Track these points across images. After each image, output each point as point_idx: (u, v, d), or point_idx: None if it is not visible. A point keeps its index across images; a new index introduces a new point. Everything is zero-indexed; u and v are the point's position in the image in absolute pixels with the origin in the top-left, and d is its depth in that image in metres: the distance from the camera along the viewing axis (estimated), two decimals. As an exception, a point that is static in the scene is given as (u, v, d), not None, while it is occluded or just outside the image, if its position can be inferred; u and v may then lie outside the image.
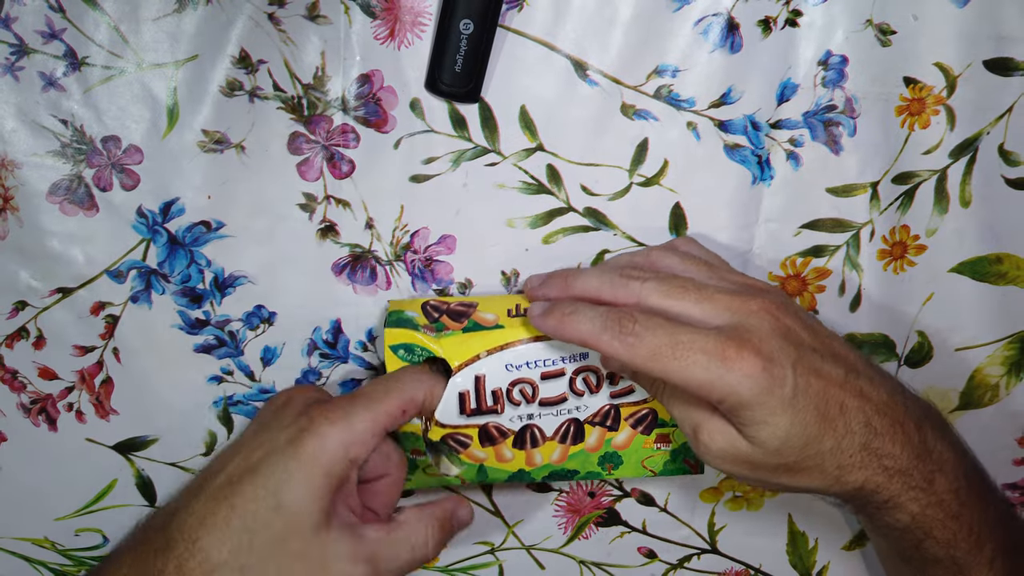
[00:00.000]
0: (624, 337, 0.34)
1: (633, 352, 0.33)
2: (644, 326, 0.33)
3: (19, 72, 0.37)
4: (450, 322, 0.39)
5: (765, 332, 0.33)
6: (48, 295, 0.41)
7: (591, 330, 0.34)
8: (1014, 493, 0.49)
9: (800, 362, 0.33)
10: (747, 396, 0.33)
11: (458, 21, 0.37)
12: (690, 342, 0.33)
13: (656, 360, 0.33)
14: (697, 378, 0.33)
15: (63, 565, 0.46)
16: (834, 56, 0.40)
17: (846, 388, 0.34)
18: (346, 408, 0.35)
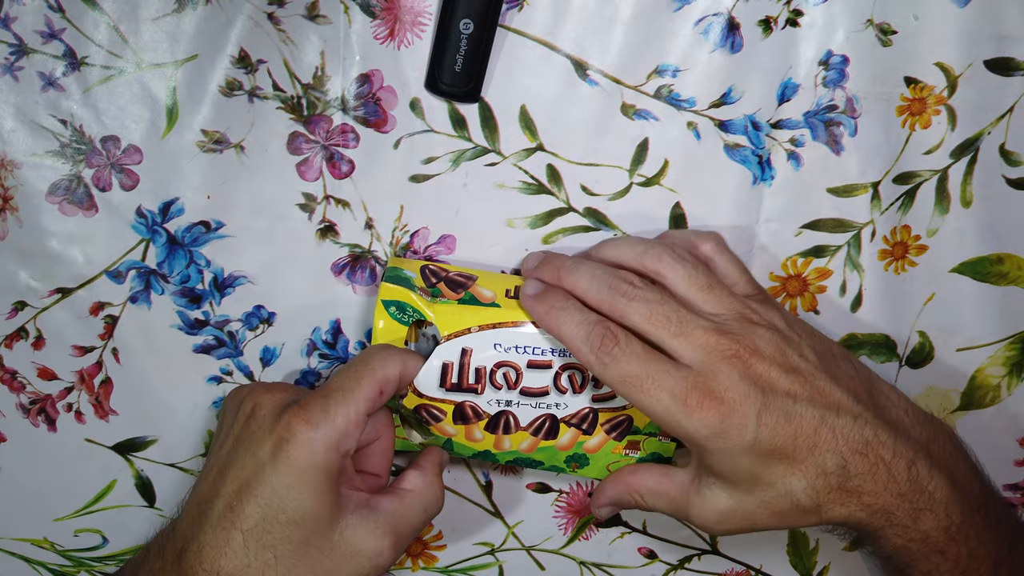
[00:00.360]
0: (601, 355, 0.35)
1: (605, 371, 0.35)
2: (622, 350, 0.35)
3: (18, 72, 0.37)
4: (447, 290, 0.39)
5: (734, 380, 0.34)
6: (47, 295, 0.41)
7: (573, 335, 0.36)
8: (1015, 494, 0.49)
9: (766, 409, 0.34)
10: (703, 443, 0.34)
11: (458, 21, 0.37)
12: (658, 380, 0.34)
13: (624, 386, 0.35)
14: (658, 415, 0.35)
15: (62, 566, 0.46)
16: (835, 56, 0.40)
17: (820, 431, 0.34)
18: (323, 406, 0.35)
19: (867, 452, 0.35)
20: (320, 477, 0.34)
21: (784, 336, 0.36)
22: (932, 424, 0.38)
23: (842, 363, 0.37)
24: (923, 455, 0.36)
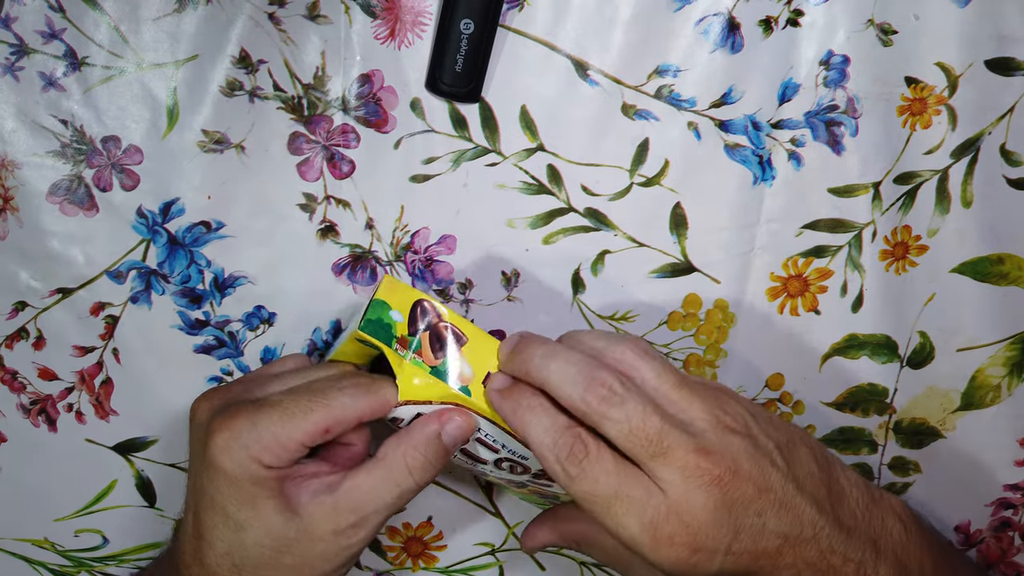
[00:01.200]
0: (568, 466, 0.32)
1: (571, 484, 0.32)
2: (591, 463, 0.32)
3: (19, 72, 0.37)
4: (427, 345, 0.35)
5: (709, 510, 0.32)
6: (48, 295, 0.41)
7: (541, 440, 0.33)
8: (1015, 494, 0.49)
9: (737, 539, 0.33)
10: (663, 571, 0.33)
11: (459, 21, 0.37)
12: (628, 505, 0.32)
13: (590, 504, 0.32)
14: (622, 540, 0.32)
15: (63, 566, 0.46)
16: (835, 56, 0.40)
17: (783, 552, 0.33)
18: (252, 419, 0.33)
19: (820, 564, 0.34)
20: (250, 484, 0.33)
21: (757, 443, 0.34)
22: (880, 506, 0.37)
23: (804, 456, 0.35)
24: (871, 551, 0.35)
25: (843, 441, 0.48)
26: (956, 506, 0.50)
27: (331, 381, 0.35)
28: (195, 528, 0.35)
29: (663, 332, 0.44)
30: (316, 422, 0.33)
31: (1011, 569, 0.51)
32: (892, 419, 0.47)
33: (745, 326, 0.44)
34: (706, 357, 0.45)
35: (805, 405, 0.47)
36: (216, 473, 0.33)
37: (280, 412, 0.33)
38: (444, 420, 0.35)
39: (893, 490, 0.49)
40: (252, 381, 0.38)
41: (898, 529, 0.37)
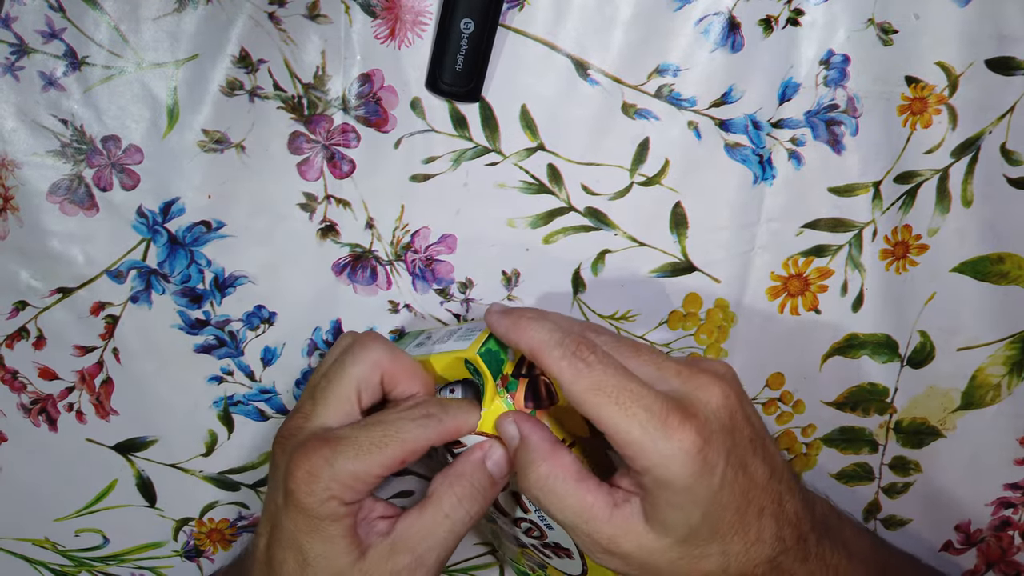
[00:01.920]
0: (575, 360, 0.31)
1: (577, 377, 0.31)
2: (599, 359, 0.32)
3: (19, 72, 0.37)
4: (521, 391, 0.35)
5: (712, 410, 0.32)
6: (48, 295, 0.41)
7: (544, 340, 0.32)
8: (1015, 493, 0.49)
9: (733, 452, 0.32)
10: (676, 474, 0.30)
11: (459, 20, 0.37)
12: (637, 394, 0.31)
13: (597, 395, 0.31)
14: (631, 434, 0.30)
15: (63, 566, 0.46)
16: (836, 55, 0.40)
17: (768, 492, 0.33)
18: (330, 458, 0.33)
19: (796, 524, 0.33)
20: (328, 522, 0.33)
21: (740, 384, 0.34)
22: (819, 498, 0.38)
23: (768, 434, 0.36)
24: (824, 530, 0.35)
25: (844, 441, 0.48)
26: (956, 505, 0.50)
27: (402, 412, 0.35)
28: (267, 557, 0.35)
29: (663, 331, 0.44)
30: (392, 455, 0.33)
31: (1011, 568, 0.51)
32: (893, 419, 0.47)
33: (745, 325, 0.44)
34: (706, 357, 0.45)
35: (805, 404, 0.47)
36: (295, 509, 0.33)
37: (356, 448, 0.33)
38: (486, 448, 0.35)
39: (894, 490, 0.49)
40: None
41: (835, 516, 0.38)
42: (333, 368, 0.36)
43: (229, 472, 0.45)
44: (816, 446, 0.48)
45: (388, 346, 0.36)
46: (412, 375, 0.36)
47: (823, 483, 0.49)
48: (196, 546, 0.47)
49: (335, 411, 0.35)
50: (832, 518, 0.38)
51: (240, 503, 0.46)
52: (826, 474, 0.49)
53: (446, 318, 0.43)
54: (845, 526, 0.38)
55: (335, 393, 0.35)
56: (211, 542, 0.47)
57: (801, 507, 0.34)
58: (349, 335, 0.38)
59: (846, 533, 0.37)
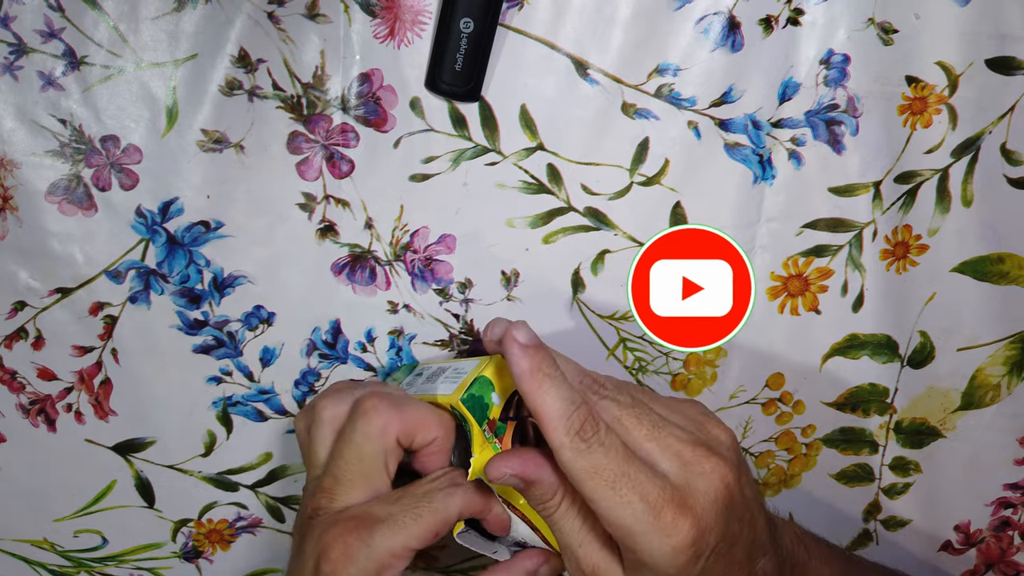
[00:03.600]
0: (577, 440, 0.31)
1: (576, 458, 0.31)
2: (600, 440, 0.31)
3: (18, 71, 0.37)
4: (508, 435, 0.35)
5: (709, 501, 0.32)
6: (47, 295, 0.41)
7: (554, 408, 0.31)
8: (1015, 493, 0.49)
9: (724, 538, 0.32)
10: (660, 564, 0.31)
11: (458, 20, 0.37)
12: (635, 481, 0.31)
13: (594, 479, 0.31)
14: (624, 522, 0.31)
15: (62, 566, 0.46)
16: (836, 55, 0.40)
17: (745, 563, 0.33)
18: (366, 539, 0.32)
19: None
20: None
21: (741, 455, 0.35)
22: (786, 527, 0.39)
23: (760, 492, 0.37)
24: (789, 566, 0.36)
25: (844, 441, 0.48)
26: (956, 506, 0.50)
27: (432, 483, 0.35)
28: None
29: (663, 332, 0.44)
30: (427, 528, 0.33)
31: (1011, 568, 0.51)
32: (893, 419, 0.47)
33: (745, 325, 0.44)
34: (706, 356, 0.45)
35: (805, 405, 0.47)
36: None
37: (391, 525, 0.33)
38: (537, 561, 0.36)
39: (894, 491, 0.49)
40: None
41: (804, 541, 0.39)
42: (347, 448, 0.35)
43: (228, 473, 0.45)
44: (816, 446, 0.48)
45: (391, 404, 0.35)
46: (425, 423, 0.35)
47: (823, 483, 0.49)
48: (195, 547, 0.47)
49: (362, 490, 0.34)
50: (800, 552, 0.38)
51: (239, 504, 0.46)
52: (826, 474, 0.49)
53: (445, 318, 0.43)
54: (812, 558, 0.39)
55: (360, 472, 0.34)
56: (210, 543, 0.47)
57: (772, 563, 0.34)
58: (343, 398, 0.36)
59: (812, 565, 0.38)
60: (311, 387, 0.44)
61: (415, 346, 0.44)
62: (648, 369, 0.45)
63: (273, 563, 0.48)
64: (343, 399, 0.36)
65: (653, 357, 0.45)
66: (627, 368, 0.45)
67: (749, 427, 0.47)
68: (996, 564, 0.51)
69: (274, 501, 0.46)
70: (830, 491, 0.49)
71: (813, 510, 0.49)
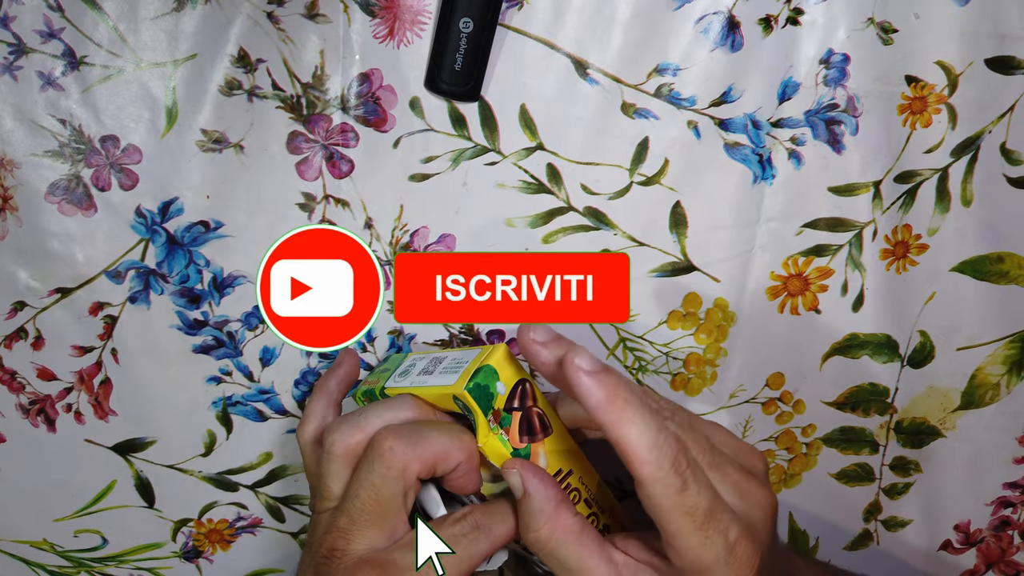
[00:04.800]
0: (673, 475, 0.29)
1: (671, 494, 0.29)
2: (696, 478, 0.29)
3: (17, 71, 0.37)
4: (515, 426, 0.34)
5: (766, 531, 0.32)
6: (47, 295, 0.41)
7: (643, 438, 0.29)
8: (1015, 492, 0.49)
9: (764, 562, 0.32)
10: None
11: (458, 19, 0.37)
12: (719, 521, 0.30)
13: (684, 518, 0.29)
14: (705, 560, 0.30)
15: (62, 567, 0.46)
16: (836, 55, 0.40)
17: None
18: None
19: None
20: None
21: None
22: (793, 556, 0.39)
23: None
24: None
25: (844, 441, 0.48)
26: (956, 505, 0.50)
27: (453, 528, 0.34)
28: None
29: (663, 331, 0.44)
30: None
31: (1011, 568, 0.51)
32: (893, 419, 0.47)
33: (745, 325, 0.44)
34: (706, 356, 0.45)
35: (806, 404, 0.47)
36: None
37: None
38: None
39: (895, 491, 0.49)
40: None
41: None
42: (363, 489, 0.34)
43: (228, 472, 0.45)
44: (816, 446, 0.48)
45: (408, 443, 0.33)
46: (446, 455, 0.34)
47: (823, 483, 0.49)
48: (195, 547, 0.47)
49: (379, 530, 0.33)
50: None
51: (239, 503, 0.46)
52: (826, 474, 0.49)
53: (445, 318, 0.43)
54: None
55: (376, 513, 0.33)
56: (210, 543, 0.47)
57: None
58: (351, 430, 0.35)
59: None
60: (311, 387, 0.44)
61: (415, 346, 0.44)
62: (648, 369, 0.45)
63: (273, 563, 0.48)
64: (352, 430, 0.35)
65: (653, 357, 0.45)
66: (627, 368, 0.45)
67: (749, 426, 0.47)
68: (996, 563, 0.51)
69: (274, 501, 0.46)
70: (830, 491, 0.49)
71: (813, 510, 0.49)
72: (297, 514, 0.47)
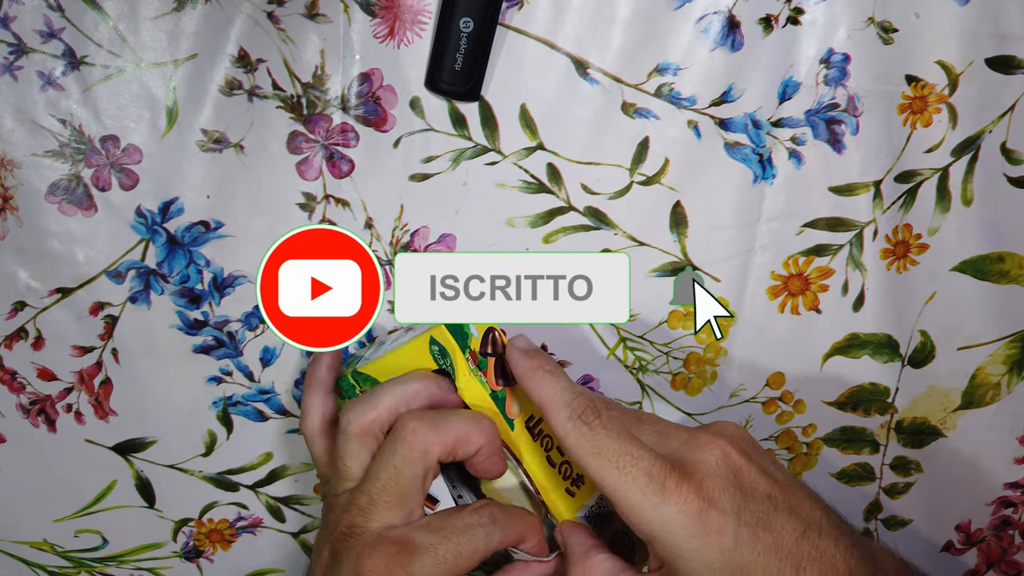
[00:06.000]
0: (579, 423, 0.32)
1: (580, 440, 0.32)
2: (603, 423, 0.32)
3: (18, 71, 0.37)
4: (491, 372, 0.36)
5: (710, 470, 0.31)
6: (47, 295, 0.41)
7: (556, 397, 0.33)
8: (1015, 492, 0.49)
9: (746, 509, 0.31)
10: (681, 539, 0.30)
11: (458, 19, 0.37)
12: (637, 457, 0.31)
13: (598, 458, 0.31)
14: (631, 499, 0.31)
15: (62, 567, 0.46)
16: (836, 54, 0.40)
17: (802, 545, 0.31)
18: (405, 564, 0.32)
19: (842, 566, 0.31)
20: None
21: (752, 443, 0.34)
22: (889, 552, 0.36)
23: (806, 487, 0.34)
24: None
25: (845, 441, 0.48)
26: (957, 505, 0.50)
27: (470, 518, 0.35)
28: None
29: (663, 331, 0.44)
30: (465, 565, 0.33)
31: (1011, 568, 0.51)
32: (894, 419, 0.47)
33: (746, 325, 0.44)
34: (706, 356, 0.45)
35: (806, 404, 0.47)
36: None
37: (432, 556, 0.33)
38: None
39: (895, 491, 0.49)
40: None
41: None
42: (384, 470, 0.34)
43: (228, 472, 0.45)
44: (817, 446, 0.48)
45: (430, 426, 0.34)
46: (467, 437, 0.35)
47: (824, 483, 0.49)
48: (195, 546, 0.47)
49: (398, 510, 0.34)
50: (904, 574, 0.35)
51: (239, 503, 0.46)
52: (827, 474, 0.49)
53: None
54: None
55: (396, 494, 0.34)
56: (210, 542, 0.47)
57: (858, 563, 0.31)
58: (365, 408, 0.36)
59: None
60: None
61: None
62: (648, 369, 0.45)
63: (274, 563, 0.48)
64: (365, 408, 0.35)
65: (653, 356, 0.45)
66: (627, 368, 0.45)
67: (749, 426, 0.47)
68: (997, 563, 0.51)
69: (274, 501, 0.46)
70: (831, 490, 0.49)
71: (814, 509, 0.49)
72: (297, 514, 0.47)
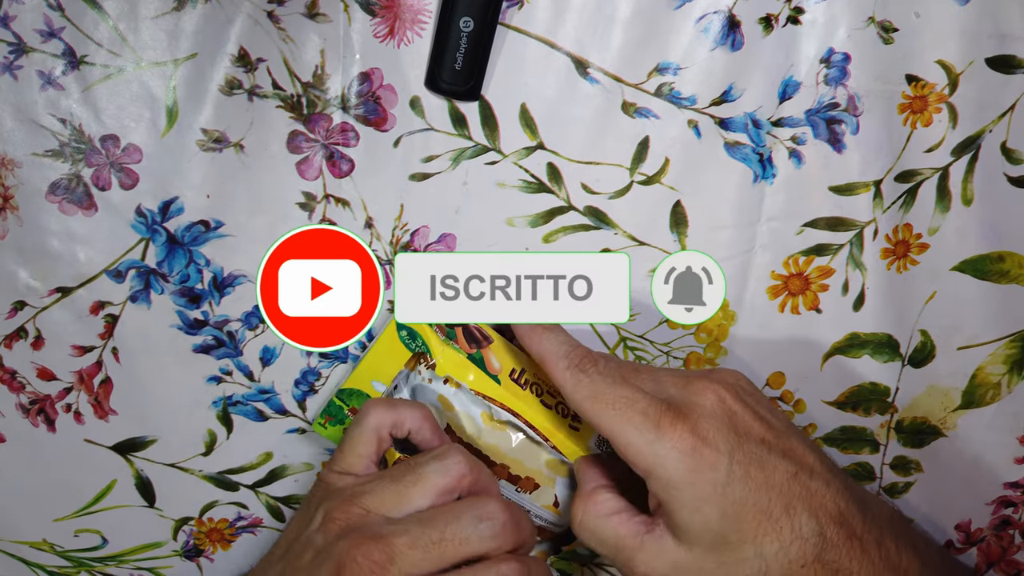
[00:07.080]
0: (577, 371, 0.35)
1: (577, 388, 0.34)
2: (599, 370, 0.34)
3: (18, 71, 0.37)
4: (462, 339, 0.39)
5: (705, 412, 0.33)
6: (47, 295, 0.41)
7: (553, 349, 0.36)
8: (1015, 492, 0.49)
9: (740, 449, 0.32)
10: (675, 473, 0.32)
11: (458, 19, 0.37)
12: (632, 400, 0.33)
13: (595, 402, 0.34)
14: (627, 437, 0.33)
15: (61, 567, 0.46)
16: (836, 54, 0.40)
17: (794, 486, 0.32)
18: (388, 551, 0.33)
19: (842, 523, 0.32)
20: None
21: (748, 387, 0.36)
22: (883, 501, 0.37)
23: (801, 434, 0.36)
24: (888, 531, 0.34)
25: (845, 440, 0.48)
26: (957, 505, 0.50)
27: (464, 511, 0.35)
28: None
29: (663, 330, 0.44)
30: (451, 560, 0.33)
31: (1012, 568, 0.51)
32: (894, 418, 0.47)
33: (746, 324, 0.44)
34: (706, 355, 0.45)
35: (806, 404, 0.47)
36: None
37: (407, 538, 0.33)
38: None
39: (895, 490, 0.49)
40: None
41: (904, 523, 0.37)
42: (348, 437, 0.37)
43: (228, 472, 0.45)
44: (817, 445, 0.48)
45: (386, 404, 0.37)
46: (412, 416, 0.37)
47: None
48: (196, 545, 0.47)
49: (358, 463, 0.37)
50: (898, 522, 0.36)
51: (239, 503, 0.46)
52: (827, 473, 0.49)
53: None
54: (914, 533, 0.36)
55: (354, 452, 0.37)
56: (211, 542, 0.47)
57: (848, 504, 0.33)
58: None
59: (915, 538, 0.35)
60: (311, 387, 0.44)
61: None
62: (648, 368, 0.45)
63: (273, 563, 0.48)
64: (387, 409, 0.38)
65: (654, 356, 0.45)
66: (627, 367, 0.45)
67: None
68: (997, 563, 0.51)
69: (274, 501, 0.46)
70: (831, 490, 0.49)
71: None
72: (297, 514, 0.47)
